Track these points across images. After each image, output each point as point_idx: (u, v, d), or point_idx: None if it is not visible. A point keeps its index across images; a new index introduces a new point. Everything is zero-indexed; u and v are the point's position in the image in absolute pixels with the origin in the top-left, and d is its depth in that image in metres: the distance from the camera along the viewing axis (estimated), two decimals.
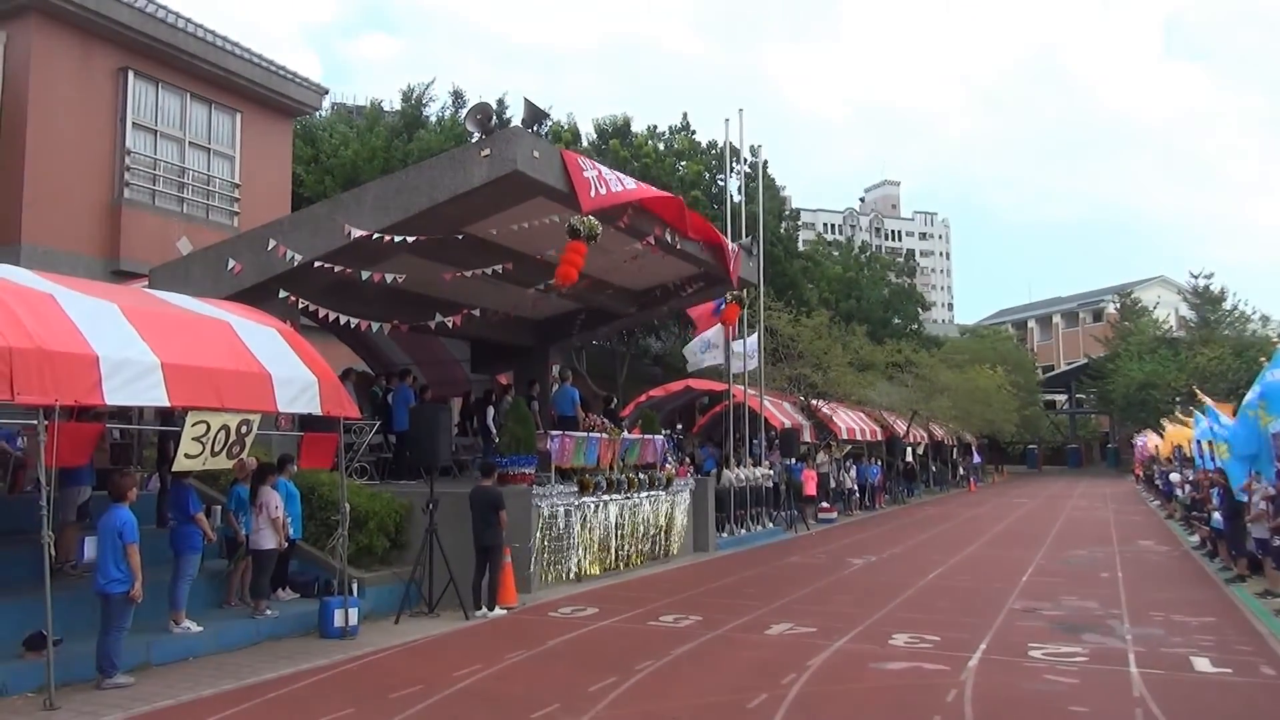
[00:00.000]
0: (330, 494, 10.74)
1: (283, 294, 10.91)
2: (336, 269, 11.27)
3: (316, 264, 11.12)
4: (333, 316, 11.64)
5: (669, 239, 13.85)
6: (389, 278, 11.51)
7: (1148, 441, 38.89)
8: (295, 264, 11.27)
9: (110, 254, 15.72)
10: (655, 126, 35.88)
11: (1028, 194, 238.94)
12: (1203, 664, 8.17)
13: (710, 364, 21.09)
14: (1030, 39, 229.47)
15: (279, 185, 19.21)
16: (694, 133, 37.13)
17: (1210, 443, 16.65)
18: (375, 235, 10.94)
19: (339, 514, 9.60)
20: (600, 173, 11.39)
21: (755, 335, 21.50)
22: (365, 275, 11.28)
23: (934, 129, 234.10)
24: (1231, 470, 13.70)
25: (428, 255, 12.42)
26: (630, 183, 12.01)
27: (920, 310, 53.79)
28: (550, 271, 11.34)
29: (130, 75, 16.19)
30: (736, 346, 21.24)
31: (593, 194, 11.03)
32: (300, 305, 10.98)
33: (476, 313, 11.84)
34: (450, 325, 11.46)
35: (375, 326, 11.10)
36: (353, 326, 11.11)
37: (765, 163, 24.97)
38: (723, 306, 18.47)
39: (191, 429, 7.42)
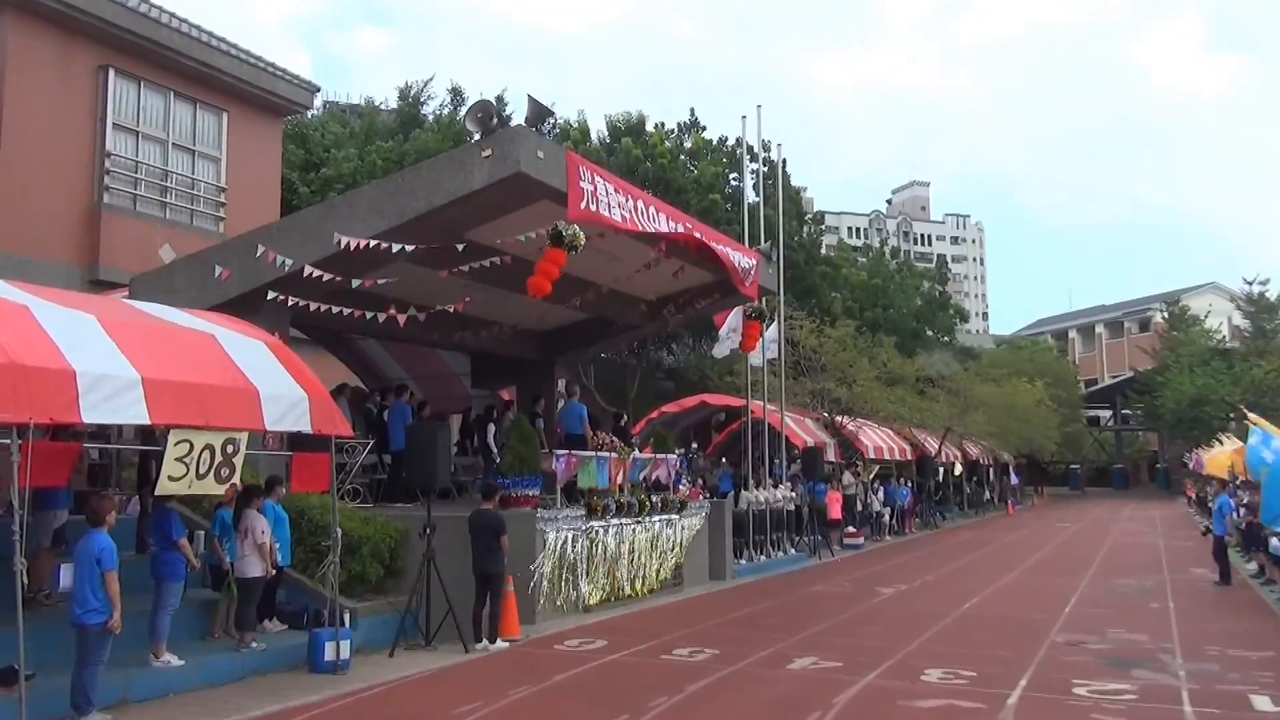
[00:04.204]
0: (321, 518, 10.75)
1: (272, 295, 10.96)
2: (328, 277, 11.31)
3: (309, 272, 11.17)
4: (325, 329, 11.68)
5: (682, 247, 13.87)
6: (381, 280, 11.54)
7: (1201, 460, 38.59)
8: (286, 271, 11.33)
9: (89, 262, 15.84)
10: (663, 124, 35.90)
11: (1067, 195, 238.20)
12: (1263, 703, 8.06)
13: (733, 348, 20.99)
14: (1067, 29, 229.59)
15: (268, 189, 19.35)
16: (704, 129, 37.21)
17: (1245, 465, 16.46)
18: (370, 242, 10.98)
19: (330, 539, 9.61)
20: (597, 189, 11.38)
21: (775, 323, 21.39)
22: (355, 283, 11.32)
23: (965, 126, 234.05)
24: (1269, 498, 13.51)
25: (425, 262, 12.47)
26: (626, 210, 11.94)
27: (957, 321, 53.63)
28: (561, 282, 11.35)
29: (111, 73, 16.36)
30: (754, 359, 21.21)
31: (583, 205, 11.04)
32: (293, 304, 11.00)
33: (474, 297, 11.82)
34: (451, 310, 11.46)
35: (370, 315, 11.14)
36: (354, 316, 11.14)
37: (784, 162, 24.93)
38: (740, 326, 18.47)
39: (174, 448, 7.43)
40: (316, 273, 11.15)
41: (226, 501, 9.75)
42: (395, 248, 10.82)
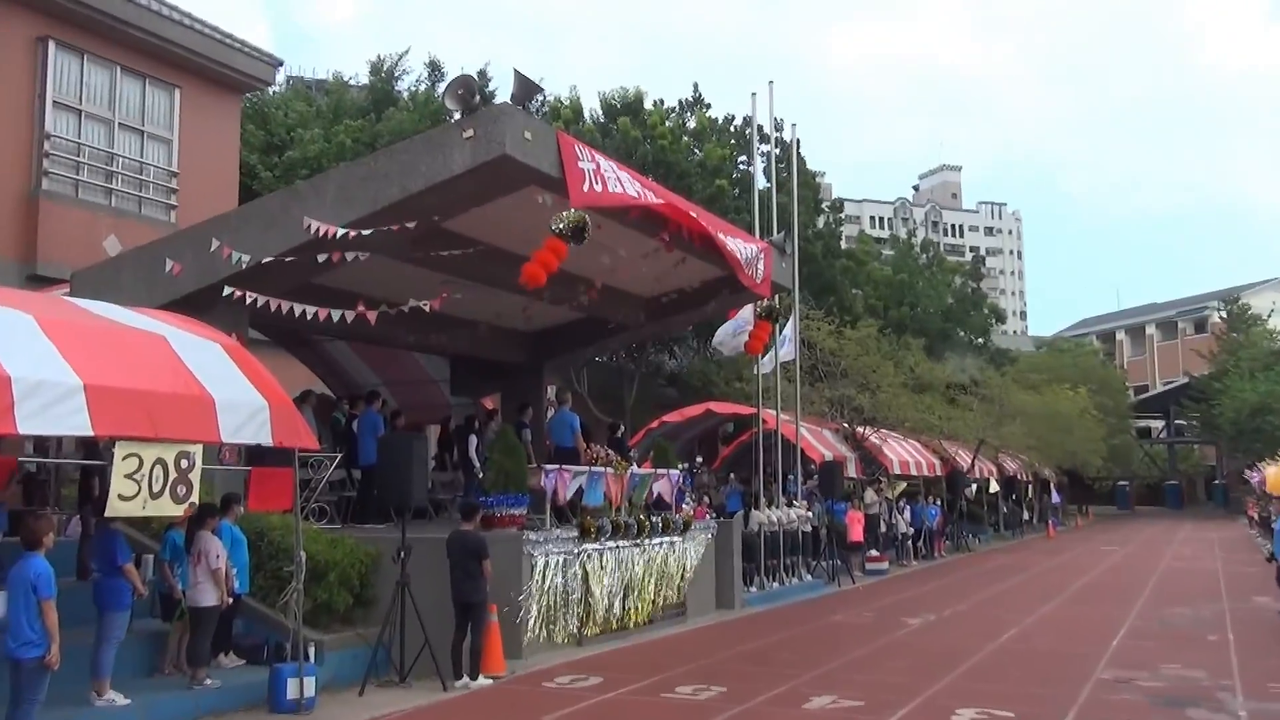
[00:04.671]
0: (283, 540, 10.74)
1: (229, 291, 10.96)
2: (292, 271, 11.32)
3: (270, 263, 11.17)
4: (288, 329, 11.67)
5: (685, 238, 13.89)
6: (352, 257, 11.52)
7: (1264, 476, 38.61)
8: (244, 265, 11.35)
9: (25, 255, 15.84)
10: (662, 102, 35.93)
11: (1114, 181, 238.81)
12: None
13: (740, 349, 21.00)
14: None
15: (225, 174, 19.36)
16: (708, 106, 37.26)
17: None
18: (339, 232, 10.99)
19: (293, 564, 9.61)
20: (599, 167, 11.42)
21: (790, 321, 21.37)
22: (321, 259, 11.29)
23: (1001, 104, 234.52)
24: None
25: (400, 255, 12.47)
26: (634, 186, 12.01)
27: (993, 322, 53.66)
28: (551, 277, 11.36)
29: (51, 46, 16.38)
30: (765, 363, 21.23)
31: (585, 187, 11.06)
32: (252, 302, 11.00)
33: (459, 295, 11.85)
34: (428, 308, 11.46)
35: (338, 313, 11.12)
36: (320, 315, 11.12)
37: (797, 142, 24.96)
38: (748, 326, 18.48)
39: (122, 464, 7.43)
40: (281, 257, 11.14)
41: (178, 522, 9.75)
42: (368, 233, 10.81)
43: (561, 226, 10.82)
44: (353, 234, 10.79)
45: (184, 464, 7.81)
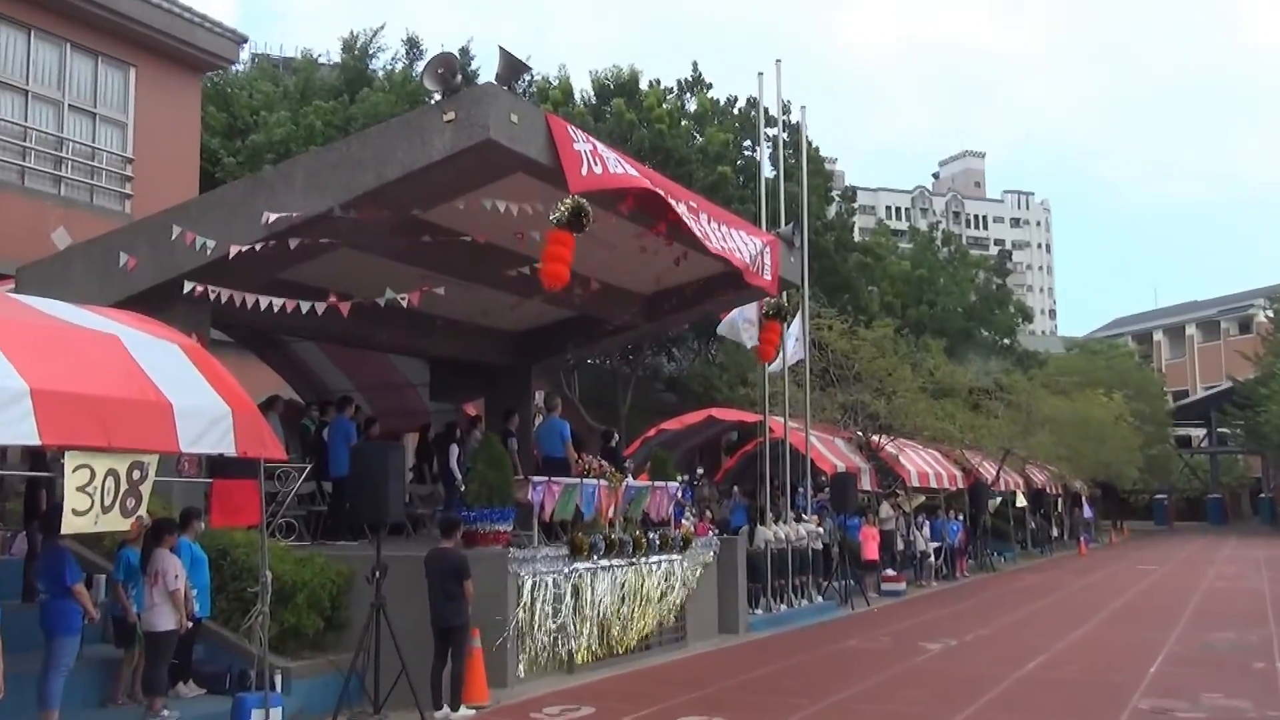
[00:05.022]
0: (247, 559, 10.73)
1: (189, 287, 10.97)
2: (257, 265, 11.32)
3: (234, 254, 11.17)
4: (253, 329, 11.66)
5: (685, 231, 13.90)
6: (325, 240, 11.55)
7: None
8: (206, 258, 11.35)
9: None
10: (659, 82, 35.92)
11: (1150, 169, 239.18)
12: None
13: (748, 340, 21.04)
14: None
15: (184, 160, 19.36)
16: (709, 87, 37.30)
17: None
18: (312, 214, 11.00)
19: (258, 585, 9.59)
20: (596, 148, 11.44)
21: (799, 317, 21.38)
22: (292, 239, 11.32)
23: (1026, 86, 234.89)
24: None
25: (375, 248, 12.48)
26: (631, 170, 12.03)
27: (1020, 321, 53.71)
28: (533, 269, 11.38)
29: None
30: (773, 366, 21.26)
31: (584, 171, 11.07)
32: (215, 298, 11.00)
33: (440, 291, 11.87)
34: (405, 303, 11.48)
35: (308, 308, 11.13)
36: (289, 311, 11.14)
37: (800, 125, 25.04)
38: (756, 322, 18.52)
39: (74, 476, 7.41)
40: (247, 249, 11.14)
41: (132, 539, 9.74)
42: (337, 211, 10.81)
43: (560, 215, 10.84)
44: (328, 217, 10.79)
45: (136, 475, 7.79)
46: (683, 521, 16.52)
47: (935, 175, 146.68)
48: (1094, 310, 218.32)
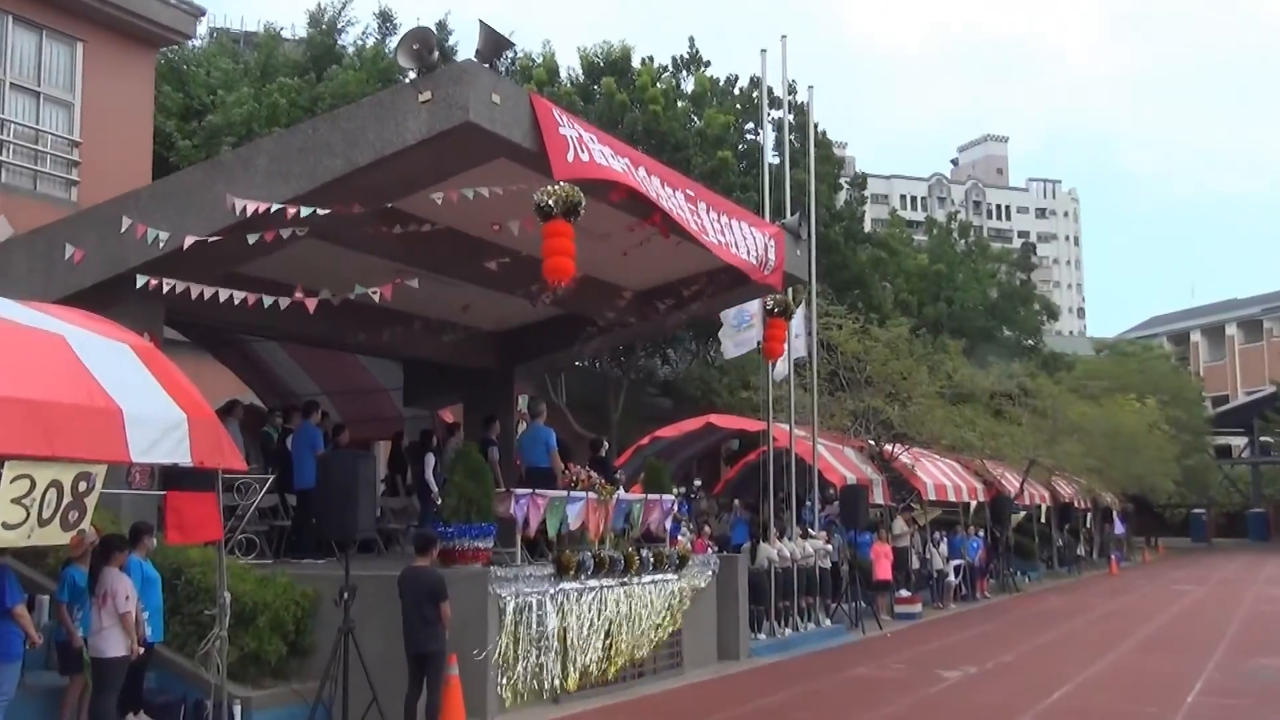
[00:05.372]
0: (204, 578, 10.72)
1: (141, 281, 10.95)
2: (216, 258, 11.31)
3: (189, 244, 11.16)
4: (210, 327, 11.63)
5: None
6: (287, 233, 11.53)
7: None
8: (160, 250, 11.33)
9: None
10: (653, 59, 35.94)
11: (1187, 157, 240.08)
12: None
13: (750, 348, 21.05)
14: None
15: (136, 143, 19.33)
16: (707, 65, 37.34)
17: None
18: (272, 210, 10.98)
19: (215, 607, 9.59)
20: (582, 135, 11.44)
21: (802, 312, 21.37)
22: (253, 237, 11.31)
23: (1054, 65, 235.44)
24: None
25: (343, 240, 12.46)
26: (620, 161, 12.02)
27: (1044, 319, 53.82)
28: (522, 263, 11.37)
29: None
30: (778, 369, 21.28)
31: (570, 157, 11.06)
32: (169, 293, 10.98)
33: (415, 284, 11.86)
34: (377, 298, 11.48)
35: (270, 303, 11.11)
36: (249, 307, 11.12)
37: (807, 107, 25.04)
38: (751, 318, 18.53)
39: (10, 486, 7.40)
40: (205, 240, 11.13)
41: (78, 557, 9.72)
42: (307, 212, 10.81)
43: (550, 203, 10.81)
44: (290, 210, 10.77)
45: (82, 487, 7.78)
46: (679, 538, 16.52)
47: (954, 162, 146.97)
48: (1126, 309, 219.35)
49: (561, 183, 10.90)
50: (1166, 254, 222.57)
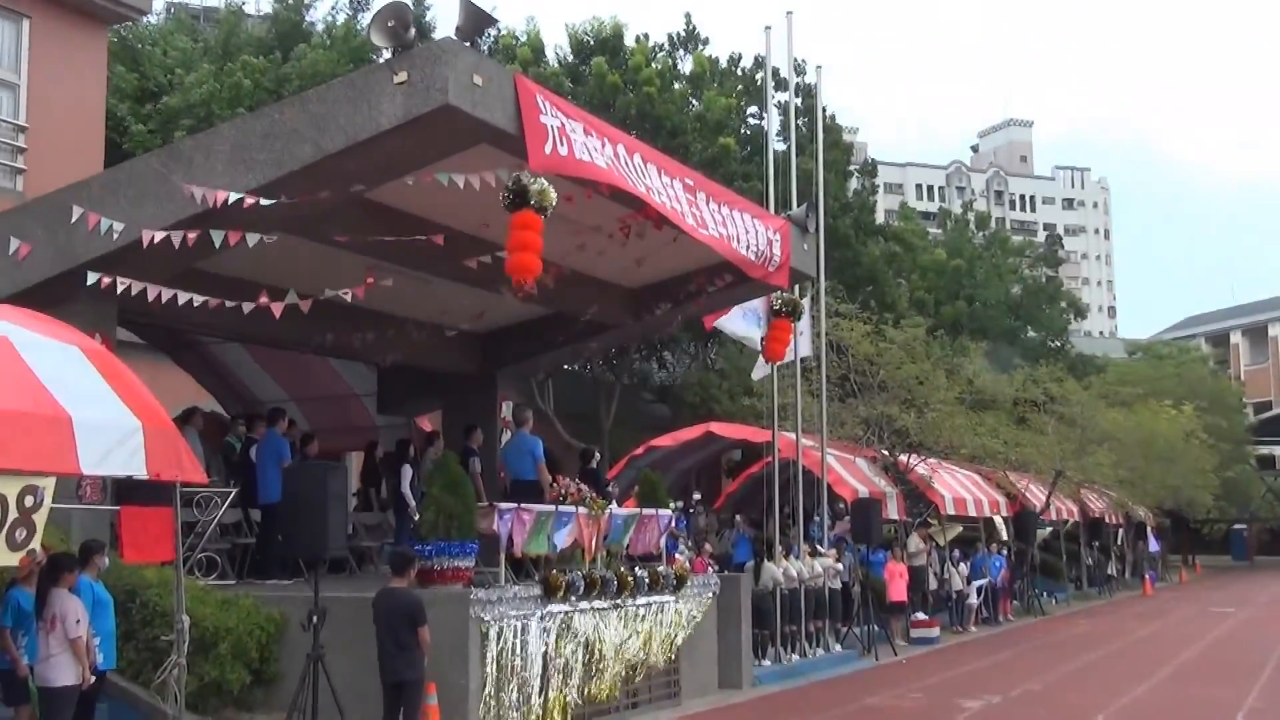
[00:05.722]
0: (160, 601, 10.70)
1: (93, 278, 10.95)
2: (173, 253, 11.30)
3: (148, 240, 11.16)
4: (168, 329, 11.63)
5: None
6: (253, 239, 11.53)
7: None
8: (114, 244, 11.33)
9: None
10: (647, 37, 35.92)
11: (1226, 143, 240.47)
12: None
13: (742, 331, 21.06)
14: None
15: (87, 128, 19.29)
16: (706, 43, 37.37)
17: None
18: (234, 201, 10.99)
19: (173, 632, 9.58)
20: (565, 124, 11.44)
21: (806, 301, 21.35)
22: (217, 236, 11.30)
23: (1083, 43, 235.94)
24: None
25: (312, 234, 12.46)
26: (605, 154, 12.02)
27: (1071, 318, 53.89)
28: (496, 258, 11.38)
29: None
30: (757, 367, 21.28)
31: (548, 149, 11.06)
32: (123, 291, 10.99)
33: (389, 283, 11.87)
34: (349, 298, 11.49)
35: (233, 304, 11.12)
36: (210, 307, 11.13)
37: (815, 89, 25.06)
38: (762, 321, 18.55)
39: None
40: (159, 238, 11.14)
41: (23, 578, 9.70)
42: (269, 203, 10.81)
43: (528, 195, 10.79)
44: (248, 201, 10.77)
45: (29, 501, 7.77)
46: (676, 556, 16.52)
47: (974, 148, 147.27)
48: (1161, 307, 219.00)
49: (528, 173, 10.87)
50: (1205, 248, 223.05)
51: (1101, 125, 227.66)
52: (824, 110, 27.62)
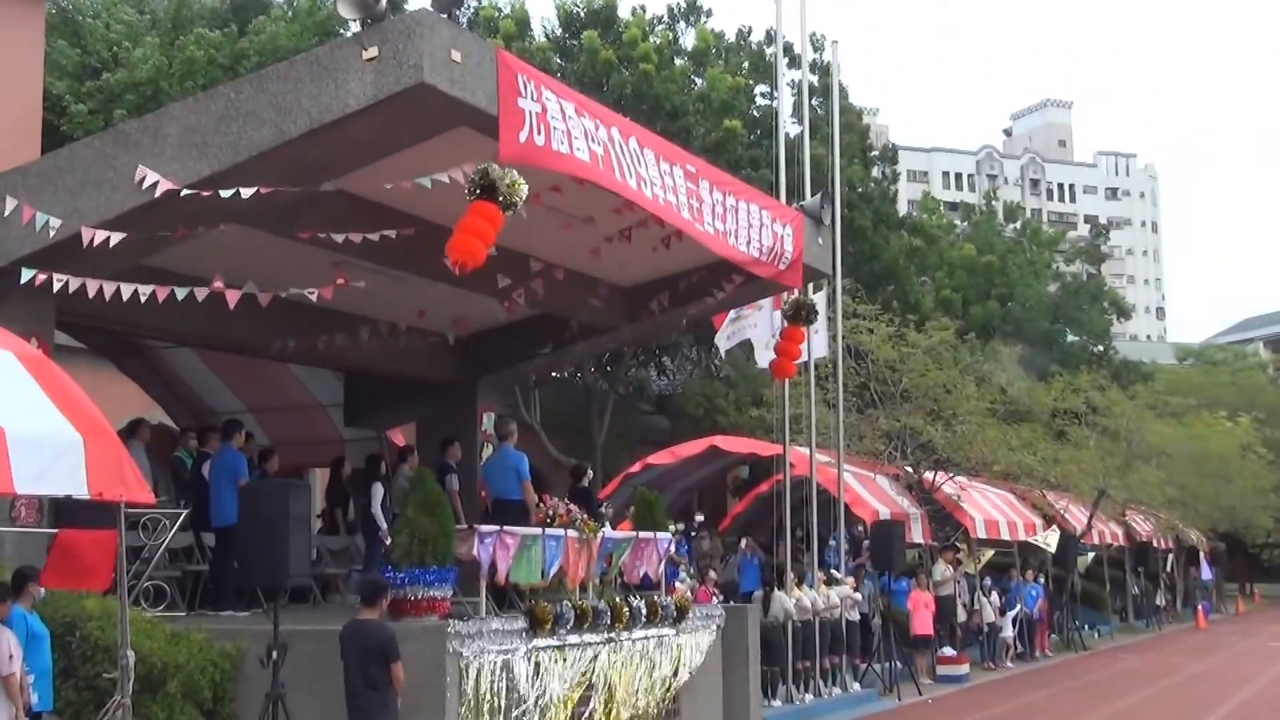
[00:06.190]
0: (103, 635, 10.68)
1: (27, 275, 10.95)
2: (117, 248, 11.32)
3: (89, 238, 11.17)
4: (111, 331, 11.61)
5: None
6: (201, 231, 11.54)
7: None
8: (51, 238, 11.33)
9: None
10: (644, 9, 35.87)
11: None
12: None
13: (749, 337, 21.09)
14: None
15: (22, 109, 19.29)
16: (709, 15, 37.36)
17: None
18: (185, 191, 11.00)
19: (116, 669, 9.57)
20: (545, 110, 11.43)
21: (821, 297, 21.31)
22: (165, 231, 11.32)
23: (1129, 13, 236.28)
24: None
25: (272, 226, 12.46)
26: (589, 147, 12.00)
27: (1114, 320, 53.90)
28: (489, 260, 11.36)
29: None
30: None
31: (523, 137, 11.05)
32: (60, 290, 10.99)
33: (361, 284, 11.87)
34: (314, 298, 11.48)
35: (184, 294, 11.11)
36: (158, 307, 11.12)
37: (831, 66, 25.06)
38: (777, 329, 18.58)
39: None
40: (101, 239, 11.15)
41: None
42: (228, 194, 10.82)
43: (499, 188, 10.77)
44: (206, 195, 10.78)
45: None
46: (677, 585, 16.53)
47: (1007, 132, 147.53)
48: (1214, 308, 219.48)
49: (496, 164, 10.83)
50: (1264, 243, 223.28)
51: (1149, 106, 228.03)
52: (840, 90, 27.62)
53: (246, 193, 10.93)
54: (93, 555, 9.91)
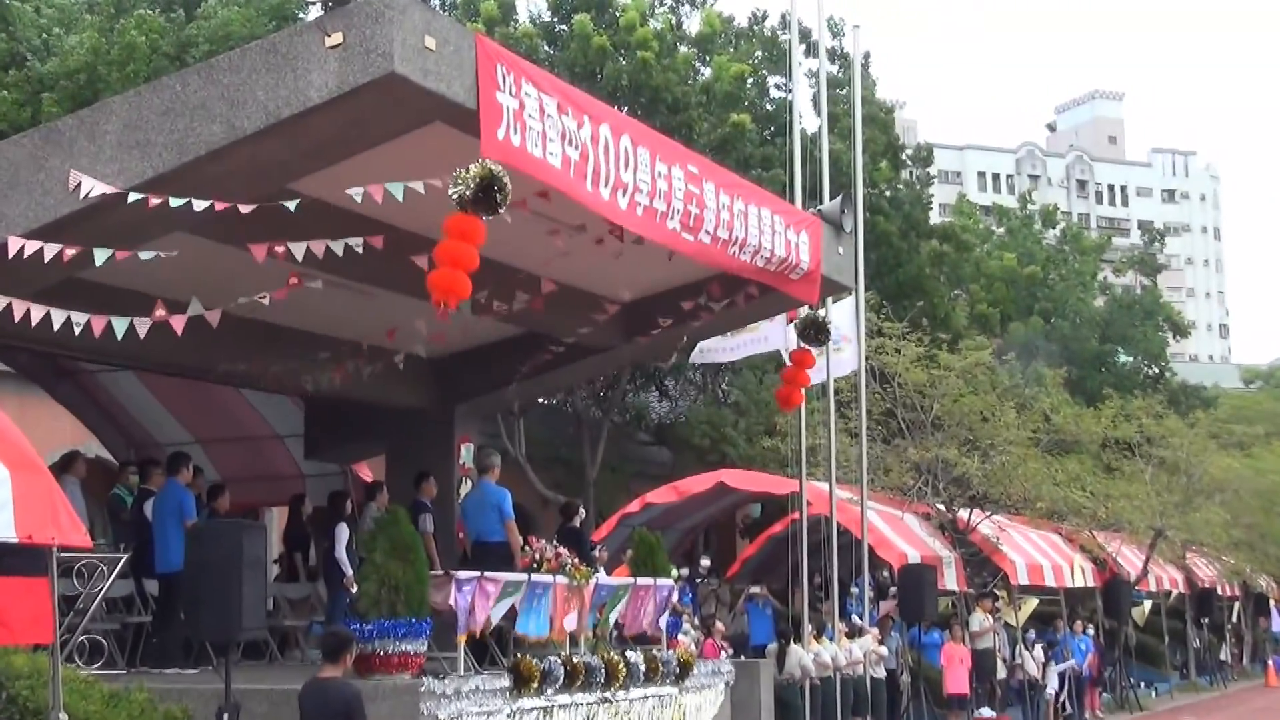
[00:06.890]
0: (32, 696, 10.68)
1: None
2: (47, 261, 11.34)
3: (16, 250, 11.19)
4: (41, 354, 11.59)
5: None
6: (147, 255, 11.56)
7: None
8: None
9: None
10: None
11: None
12: None
13: (747, 354, 21.09)
14: None
15: None
16: None
17: None
18: (128, 196, 11.01)
19: None
20: (523, 106, 11.44)
21: (850, 300, 21.25)
22: (101, 258, 11.33)
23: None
24: None
25: (222, 234, 12.48)
26: (566, 149, 11.99)
27: (1173, 338, 53.89)
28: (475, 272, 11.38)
29: None
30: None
31: (501, 134, 11.08)
32: None
33: (317, 283, 11.87)
34: (266, 302, 11.48)
35: (124, 326, 11.11)
36: (97, 332, 11.13)
37: (852, 55, 25.16)
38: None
39: None
40: (31, 251, 11.16)
41: None
42: (179, 203, 10.85)
43: (461, 190, 10.75)
44: (152, 202, 10.80)
45: None
46: (680, 638, 16.53)
47: (1051, 127, 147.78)
48: None
49: (485, 161, 10.81)
50: None
51: (1211, 98, 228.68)
52: (864, 80, 27.68)
53: (200, 205, 10.94)
54: (22, 607, 9.86)
